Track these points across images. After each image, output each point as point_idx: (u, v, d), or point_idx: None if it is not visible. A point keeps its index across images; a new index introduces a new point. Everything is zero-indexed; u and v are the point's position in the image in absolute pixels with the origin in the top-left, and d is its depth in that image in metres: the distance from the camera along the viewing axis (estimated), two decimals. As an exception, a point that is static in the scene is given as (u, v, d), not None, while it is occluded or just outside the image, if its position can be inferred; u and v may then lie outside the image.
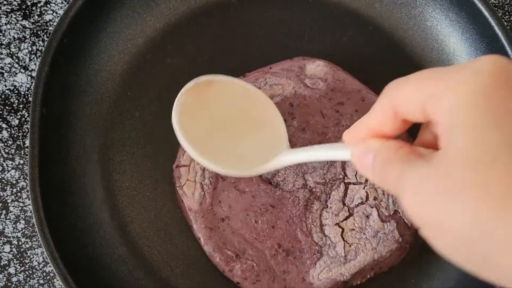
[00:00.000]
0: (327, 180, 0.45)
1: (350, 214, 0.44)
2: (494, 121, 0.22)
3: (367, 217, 0.44)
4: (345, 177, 0.45)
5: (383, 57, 0.49)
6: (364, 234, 0.44)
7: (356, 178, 0.44)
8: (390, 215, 0.44)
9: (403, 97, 0.27)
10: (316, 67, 0.46)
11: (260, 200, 0.44)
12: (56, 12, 0.50)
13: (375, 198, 0.44)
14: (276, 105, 0.43)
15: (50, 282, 0.47)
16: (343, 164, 0.45)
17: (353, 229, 0.44)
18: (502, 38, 0.44)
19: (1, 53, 0.49)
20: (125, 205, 0.46)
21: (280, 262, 0.44)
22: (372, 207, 0.44)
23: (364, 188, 0.44)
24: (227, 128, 0.41)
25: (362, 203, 0.44)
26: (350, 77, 0.47)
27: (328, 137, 0.45)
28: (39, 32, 0.50)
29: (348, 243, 0.44)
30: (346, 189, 0.44)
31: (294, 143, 0.45)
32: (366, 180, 0.44)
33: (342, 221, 0.44)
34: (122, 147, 0.47)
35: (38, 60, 0.49)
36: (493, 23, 0.44)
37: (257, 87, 0.44)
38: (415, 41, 0.49)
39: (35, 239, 0.47)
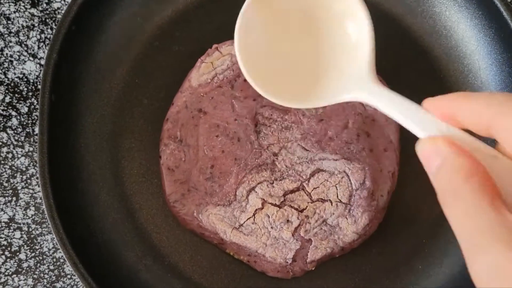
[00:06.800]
0: (293, 169, 0.44)
1: (280, 206, 0.44)
2: None
3: (287, 221, 0.44)
4: (307, 181, 0.44)
5: (391, 44, 0.48)
6: (271, 228, 0.44)
7: (311, 191, 0.44)
8: (303, 237, 0.44)
9: (468, 108, 0.26)
10: None
11: (237, 126, 0.45)
12: (64, 0, 0.50)
13: (307, 216, 0.44)
14: None
15: (60, 267, 0.47)
16: (314, 172, 0.44)
17: (268, 216, 0.44)
18: (511, 24, 0.43)
19: (10, 41, 0.50)
20: (133, 192, 0.46)
21: (199, 179, 0.45)
22: (298, 219, 0.44)
23: (308, 202, 0.44)
24: (292, 47, 0.38)
25: (296, 209, 0.44)
26: (394, 127, 0.46)
27: (329, 144, 0.45)
28: (47, 20, 0.50)
29: (254, 221, 0.44)
30: (297, 189, 0.44)
31: (302, 131, 0.45)
32: (316, 200, 0.44)
33: (268, 203, 0.44)
34: (130, 134, 0.47)
35: (47, 48, 0.49)
36: (501, 9, 0.43)
37: None
38: (424, 27, 0.49)
39: (45, 225, 0.48)
